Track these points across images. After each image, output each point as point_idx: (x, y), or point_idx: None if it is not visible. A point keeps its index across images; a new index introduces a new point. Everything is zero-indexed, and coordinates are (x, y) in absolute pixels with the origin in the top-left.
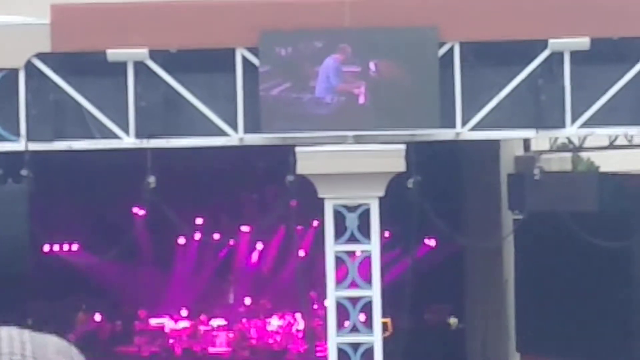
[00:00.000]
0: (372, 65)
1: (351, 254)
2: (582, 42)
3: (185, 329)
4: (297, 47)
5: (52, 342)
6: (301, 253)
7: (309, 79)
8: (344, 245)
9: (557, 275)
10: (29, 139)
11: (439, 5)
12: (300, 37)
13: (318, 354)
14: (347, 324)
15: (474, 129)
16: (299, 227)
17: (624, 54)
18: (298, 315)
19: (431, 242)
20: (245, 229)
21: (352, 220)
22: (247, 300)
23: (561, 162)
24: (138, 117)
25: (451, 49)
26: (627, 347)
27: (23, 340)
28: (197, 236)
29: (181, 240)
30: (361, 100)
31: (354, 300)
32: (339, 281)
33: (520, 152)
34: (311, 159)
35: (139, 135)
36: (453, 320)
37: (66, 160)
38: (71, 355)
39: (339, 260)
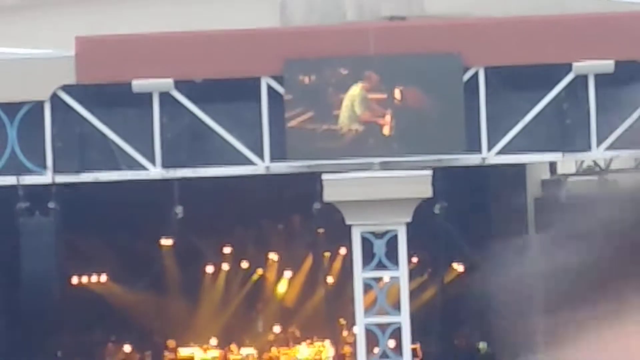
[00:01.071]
0: (397, 93)
1: (379, 280)
2: (607, 65)
3: (215, 358)
4: (321, 74)
5: None
6: (329, 280)
7: (333, 107)
8: (372, 272)
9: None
10: (55, 171)
11: (462, 31)
12: (325, 64)
13: None
14: (376, 350)
15: (499, 153)
16: (326, 254)
17: None
18: (327, 342)
19: (459, 267)
20: (273, 257)
21: (379, 246)
22: (276, 328)
23: (588, 185)
24: (164, 148)
25: (476, 74)
26: None
27: None
28: (225, 265)
29: (209, 269)
30: (386, 131)
31: (383, 326)
32: (368, 307)
33: (546, 175)
34: (338, 186)
35: (165, 165)
36: (482, 345)
37: (93, 191)
38: None
39: (367, 287)
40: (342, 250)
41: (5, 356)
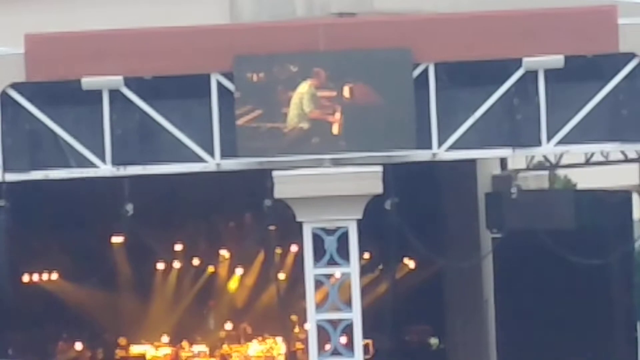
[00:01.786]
0: (346, 90)
1: (331, 276)
2: (556, 60)
3: (166, 355)
4: (270, 71)
5: None
6: (281, 276)
7: (282, 105)
8: (324, 269)
9: (536, 293)
10: (5, 169)
11: (412, 27)
12: (274, 61)
13: None
14: (328, 346)
15: (450, 149)
16: (278, 251)
17: (598, 71)
18: (279, 339)
19: (411, 263)
20: (224, 254)
21: (330, 242)
22: (228, 325)
23: (538, 180)
24: (114, 145)
25: (425, 70)
26: None
27: None
28: (177, 262)
29: (160, 266)
30: (335, 129)
31: (334, 322)
32: (319, 304)
33: (497, 171)
34: (288, 183)
35: (115, 163)
36: (434, 341)
37: (44, 189)
38: None
39: (318, 283)
40: (294, 247)
41: None
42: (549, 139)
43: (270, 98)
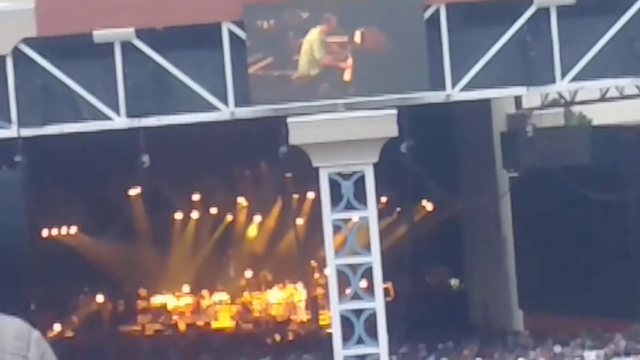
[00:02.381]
0: (357, 34)
1: (348, 221)
2: None
3: (187, 305)
4: (280, 18)
5: (11, 326)
6: (299, 223)
7: (293, 52)
8: (341, 214)
9: (555, 230)
10: (20, 125)
11: None
12: (284, 8)
13: (321, 323)
14: (348, 291)
15: (464, 89)
16: (295, 198)
17: (610, 6)
18: (299, 285)
19: (428, 205)
20: (242, 202)
21: (347, 187)
22: (248, 273)
23: (554, 118)
24: (128, 97)
25: (437, 11)
26: (628, 298)
27: None
28: (194, 212)
29: (178, 217)
30: (347, 76)
31: (354, 267)
32: (338, 249)
33: (512, 110)
34: (303, 129)
35: (130, 115)
36: (454, 282)
37: (59, 143)
38: (29, 340)
39: (336, 229)
40: (310, 194)
41: None
42: (563, 75)
43: (280, 45)
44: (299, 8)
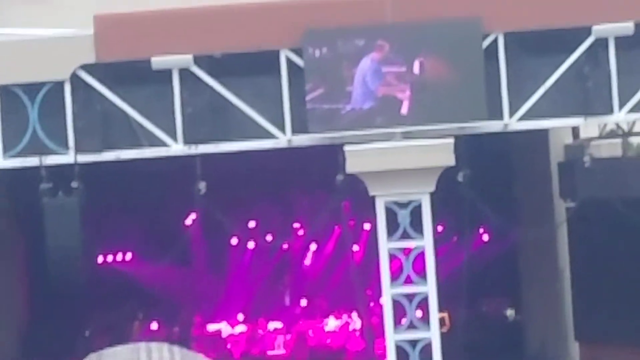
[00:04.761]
0: (416, 64)
1: (404, 250)
2: (626, 27)
3: (242, 333)
4: (334, 46)
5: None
6: (355, 248)
7: (346, 83)
8: (397, 242)
9: (612, 262)
10: (78, 150)
11: None
12: (338, 35)
13: (377, 352)
14: (404, 320)
15: (521, 119)
16: (351, 225)
17: None
18: (355, 314)
19: (485, 235)
20: (298, 230)
21: (404, 216)
22: (304, 302)
23: (611, 148)
24: (185, 124)
25: (495, 40)
26: None
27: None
28: (250, 239)
29: (234, 241)
30: (404, 109)
31: (410, 296)
32: (394, 278)
33: (569, 140)
34: (360, 157)
35: (187, 141)
36: (510, 312)
37: (116, 170)
38: None
39: (392, 257)
40: (367, 222)
41: (32, 337)
42: (620, 106)
43: (333, 75)
44: (353, 35)
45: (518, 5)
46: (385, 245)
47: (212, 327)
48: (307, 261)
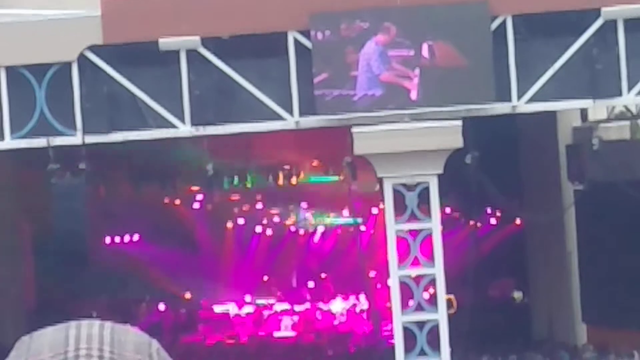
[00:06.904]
0: (425, 47)
1: (412, 232)
2: (636, 9)
3: (249, 314)
4: (337, 29)
5: (132, 339)
6: (362, 232)
7: (350, 67)
8: (405, 225)
9: (620, 245)
10: (85, 132)
11: None
12: (343, 18)
13: (384, 334)
14: (411, 302)
15: (529, 101)
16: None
17: None
18: (362, 296)
19: (492, 217)
20: (306, 212)
21: (411, 198)
22: (311, 284)
23: (619, 131)
24: (192, 105)
25: (503, 23)
26: None
27: (102, 339)
28: (257, 221)
29: (241, 225)
30: (413, 96)
31: (417, 278)
32: (402, 260)
33: (577, 122)
34: (368, 139)
35: (194, 123)
36: (517, 295)
37: (123, 151)
38: (150, 353)
39: (400, 239)
40: (374, 204)
41: (39, 318)
42: (629, 89)
43: (337, 59)
44: (358, 18)
45: None
46: (392, 227)
47: (218, 309)
48: (315, 243)
